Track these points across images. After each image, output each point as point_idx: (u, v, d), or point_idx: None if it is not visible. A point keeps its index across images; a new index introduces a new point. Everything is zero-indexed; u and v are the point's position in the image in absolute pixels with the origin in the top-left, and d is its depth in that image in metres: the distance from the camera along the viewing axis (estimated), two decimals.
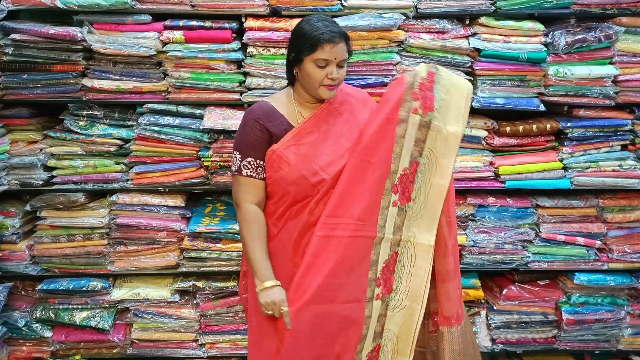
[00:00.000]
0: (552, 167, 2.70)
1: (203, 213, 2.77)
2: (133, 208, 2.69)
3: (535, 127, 2.69)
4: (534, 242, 2.78)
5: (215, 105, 2.65)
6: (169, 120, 2.62)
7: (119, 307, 2.77)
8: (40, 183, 2.66)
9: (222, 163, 2.64)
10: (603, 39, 2.59)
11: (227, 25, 2.55)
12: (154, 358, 2.82)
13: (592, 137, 2.71)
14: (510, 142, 2.72)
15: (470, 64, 2.63)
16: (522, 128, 2.68)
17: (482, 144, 2.74)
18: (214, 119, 2.59)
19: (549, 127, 2.69)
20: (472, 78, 2.64)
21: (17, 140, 2.66)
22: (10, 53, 2.52)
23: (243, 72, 2.60)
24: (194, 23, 2.55)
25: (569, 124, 2.70)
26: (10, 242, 2.68)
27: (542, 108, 2.66)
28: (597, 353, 2.95)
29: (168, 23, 2.55)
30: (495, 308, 2.83)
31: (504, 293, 2.81)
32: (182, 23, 2.55)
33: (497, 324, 2.85)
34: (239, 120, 1.97)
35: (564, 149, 2.71)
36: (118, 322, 2.79)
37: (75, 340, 2.76)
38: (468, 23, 2.67)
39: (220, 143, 2.66)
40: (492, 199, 2.76)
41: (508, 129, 2.68)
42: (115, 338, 2.74)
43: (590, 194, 2.80)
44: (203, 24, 2.54)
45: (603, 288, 2.82)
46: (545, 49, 2.61)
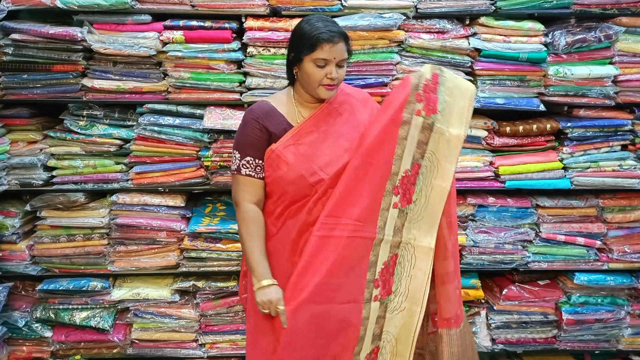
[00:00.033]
0: (552, 167, 2.70)
1: (203, 213, 2.77)
2: (133, 208, 2.69)
3: (535, 127, 2.69)
4: (534, 242, 2.78)
5: (215, 105, 2.65)
6: (169, 120, 2.62)
7: (119, 307, 2.77)
8: (40, 183, 2.66)
9: (222, 163, 2.64)
10: (603, 39, 2.59)
11: (227, 25, 2.55)
12: (154, 358, 2.82)
13: (592, 137, 2.71)
14: (510, 142, 2.72)
15: (470, 64, 2.63)
16: (522, 128, 2.68)
17: (482, 144, 2.74)
18: (214, 119, 2.59)
19: (549, 127, 2.69)
20: (472, 78, 2.64)
21: (17, 140, 2.66)
22: (10, 53, 2.52)
23: (243, 72, 2.60)
24: (194, 23, 2.55)
25: (569, 124, 2.70)
26: (10, 242, 2.68)
27: (542, 108, 2.66)
28: (597, 353, 2.95)
29: (168, 23, 2.55)
30: (495, 308, 2.83)
31: (504, 293, 2.81)
32: (182, 23, 2.55)
33: (497, 324, 2.85)
34: (239, 120, 1.98)
35: (564, 149, 2.71)
36: (118, 322, 2.79)
37: (75, 340, 2.76)
38: (468, 23, 2.66)
39: (220, 143, 2.66)
40: (492, 199, 2.76)
41: (508, 129, 2.68)
42: (115, 338, 2.74)
43: (590, 194, 2.80)
44: (203, 24, 2.54)
45: (603, 288, 2.82)
46: (545, 49, 2.61)
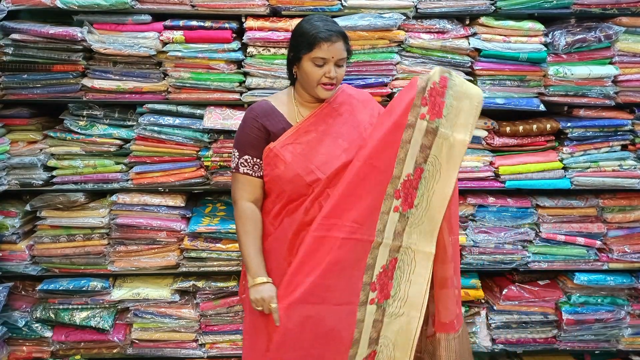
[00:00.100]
0: (552, 167, 2.70)
1: (203, 213, 2.77)
2: (133, 208, 2.69)
3: (535, 127, 2.69)
4: (534, 242, 2.78)
5: (215, 105, 2.65)
6: (169, 120, 2.62)
7: (119, 307, 2.77)
8: (40, 183, 2.66)
9: (222, 163, 2.64)
10: (603, 39, 2.59)
11: (227, 25, 2.55)
12: (154, 358, 2.82)
13: (592, 137, 2.71)
14: (510, 142, 2.72)
15: (470, 64, 2.63)
16: (522, 128, 2.68)
17: (482, 144, 2.74)
18: (214, 119, 2.59)
19: (549, 127, 2.69)
20: (472, 78, 2.64)
21: (17, 140, 2.65)
22: (10, 53, 2.52)
23: (243, 72, 2.60)
24: (194, 23, 2.54)
25: (569, 124, 2.70)
26: (10, 242, 2.68)
27: (542, 108, 2.66)
28: (597, 353, 2.95)
29: (168, 23, 2.55)
30: (495, 308, 2.83)
31: (504, 293, 2.81)
32: (182, 23, 2.55)
33: (497, 324, 2.85)
34: (239, 120, 1.98)
35: (564, 149, 2.71)
36: (118, 322, 2.79)
37: (75, 340, 2.76)
38: (468, 23, 2.66)
39: (220, 143, 2.66)
40: (492, 199, 2.76)
41: (508, 129, 2.68)
42: (115, 338, 2.74)
43: (590, 194, 2.80)
44: (203, 24, 2.54)
45: (603, 288, 2.82)
46: (545, 49, 2.61)
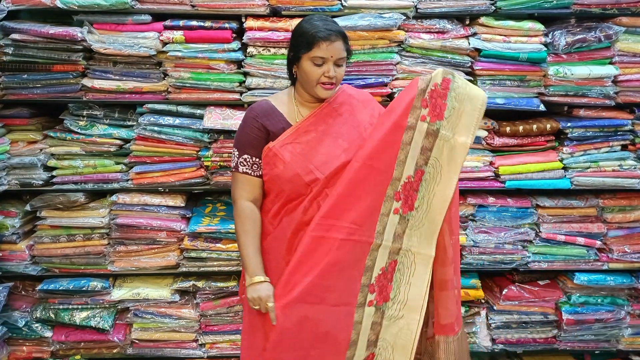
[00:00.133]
0: (552, 167, 2.70)
1: (203, 213, 2.77)
2: (133, 208, 2.69)
3: (535, 127, 2.69)
4: (534, 242, 2.78)
5: (215, 105, 2.65)
6: (169, 120, 2.62)
7: (119, 307, 2.77)
8: (40, 183, 2.66)
9: (222, 163, 2.64)
10: (603, 39, 2.59)
11: (227, 25, 2.55)
12: (154, 358, 2.82)
13: (592, 137, 2.71)
14: (510, 142, 2.72)
15: (470, 64, 2.63)
16: (522, 128, 2.68)
17: (482, 144, 2.74)
18: (214, 119, 2.59)
19: (549, 127, 2.69)
20: (472, 78, 2.64)
21: (17, 140, 2.66)
22: (10, 53, 2.52)
23: (243, 72, 2.60)
24: (194, 23, 2.55)
25: (569, 124, 2.70)
26: (10, 242, 2.68)
27: (542, 108, 2.66)
28: (597, 353, 2.95)
29: (168, 23, 2.55)
30: (495, 308, 2.83)
31: (504, 293, 2.81)
32: (182, 23, 2.55)
33: (497, 324, 2.85)
34: (239, 120, 1.98)
35: (564, 149, 2.71)
36: (118, 322, 2.79)
37: (75, 340, 2.76)
38: (468, 23, 2.66)
39: (220, 143, 2.66)
40: (492, 199, 2.76)
41: (508, 129, 2.68)
42: (115, 338, 2.74)
43: (590, 194, 2.80)
44: (203, 24, 2.54)
45: (603, 288, 2.82)
46: (545, 49, 2.61)
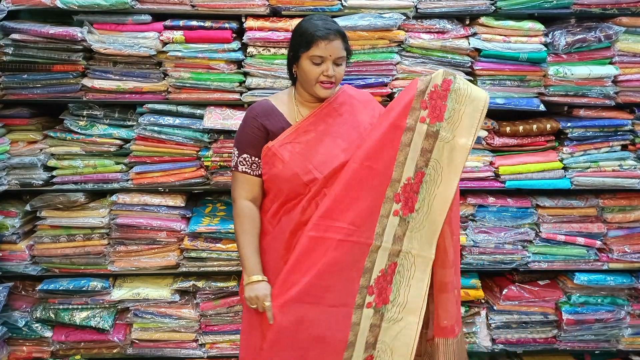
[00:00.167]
0: (552, 167, 2.70)
1: (203, 213, 2.77)
2: (133, 208, 2.69)
3: (535, 127, 2.69)
4: (534, 242, 2.78)
5: (215, 105, 2.64)
6: (169, 120, 2.62)
7: (119, 307, 2.77)
8: (40, 183, 2.66)
9: (222, 163, 2.64)
10: (603, 39, 2.59)
11: (227, 25, 2.55)
12: (154, 358, 2.82)
13: (592, 137, 2.71)
14: (510, 142, 2.72)
15: (470, 64, 2.63)
16: (522, 128, 2.68)
17: (482, 144, 2.74)
18: (214, 119, 2.59)
19: (549, 127, 2.69)
20: (472, 78, 2.64)
21: (17, 140, 2.65)
22: (10, 53, 2.52)
23: (243, 72, 2.60)
24: (194, 23, 2.54)
25: (569, 124, 2.70)
26: (10, 242, 2.68)
27: (542, 108, 2.66)
28: (597, 353, 2.95)
29: (168, 23, 2.55)
30: (495, 308, 2.83)
31: (504, 293, 2.81)
32: (182, 23, 2.55)
33: (497, 324, 2.85)
34: (239, 120, 1.98)
35: (564, 149, 2.71)
36: (118, 322, 2.79)
37: (75, 340, 2.76)
38: (468, 23, 2.66)
39: (220, 143, 2.66)
40: (492, 199, 2.76)
41: (508, 129, 2.68)
42: (115, 338, 2.74)
43: (590, 194, 2.80)
44: (203, 24, 2.54)
45: (603, 288, 2.82)
46: (545, 49, 2.61)
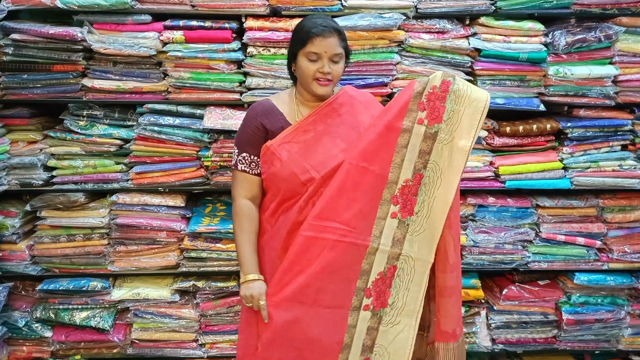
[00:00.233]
0: (552, 167, 2.70)
1: (203, 213, 2.77)
2: (133, 208, 2.69)
3: (535, 127, 2.69)
4: (534, 242, 2.78)
5: (215, 105, 2.64)
6: (169, 120, 2.62)
7: (119, 307, 2.77)
8: (40, 183, 2.66)
9: (222, 163, 2.64)
10: (603, 39, 2.59)
11: (227, 25, 2.55)
12: (154, 358, 2.82)
13: (592, 137, 2.71)
14: (510, 142, 2.72)
15: (470, 64, 2.63)
16: (522, 128, 2.68)
17: (482, 144, 2.74)
18: (214, 119, 2.59)
19: (549, 127, 2.69)
20: (472, 78, 2.64)
21: (17, 140, 2.65)
22: (10, 53, 2.52)
23: (243, 72, 2.60)
24: (194, 23, 2.54)
25: (569, 124, 2.70)
26: (10, 242, 2.68)
27: (542, 108, 2.66)
28: (597, 353, 2.95)
29: (168, 23, 2.55)
30: (495, 308, 2.83)
31: (504, 293, 2.81)
32: (182, 23, 2.55)
33: (497, 324, 2.85)
34: (239, 120, 1.99)
35: (564, 149, 2.71)
36: (118, 322, 2.79)
37: (75, 340, 2.76)
38: (468, 23, 2.66)
39: (220, 143, 2.66)
40: (492, 199, 2.76)
41: (508, 129, 2.68)
42: (115, 338, 2.74)
43: (590, 194, 2.80)
44: (203, 24, 2.54)
45: (603, 288, 2.82)
46: (545, 49, 2.61)
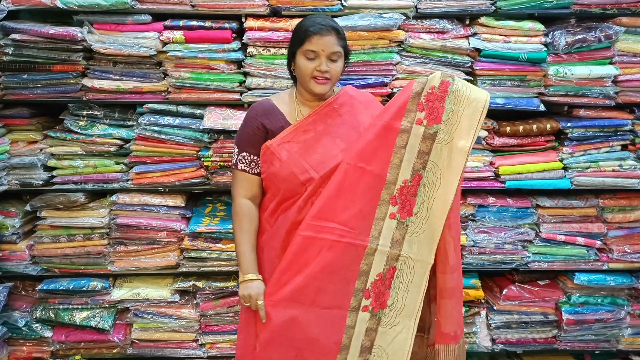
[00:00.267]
0: (552, 167, 2.70)
1: (203, 213, 2.77)
2: (133, 208, 2.69)
3: (535, 127, 2.69)
4: (534, 242, 2.78)
5: (215, 105, 2.64)
6: (169, 120, 2.62)
7: (119, 307, 2.77)
8: (40, 183, 2.66)
9: (222, 163, 2.64)
10: (603, 39, 2.59)
11: (227, 25, 2.55)
12: (154, 358, 2.82)
13: (592, 137, 2.71)
14: (510, 142, 2.72)
15: (470, 64, 2.63)
16: (522, 128, 2.68)
17: (482, 144, 2.74)
18: (214, 119, 2.59)
19: (549, 127, 2.69)
20: (472, 78, 2.64)
21: (17, 140, 2.65)
22: (10, 53, 2.52)
23: (243, 72, 2.60)
24: (194, 23, 2.55)
25: (569, 124, 2.70)
26: (10, 242, 2.68)
27: (542, 108, 2.66)
28: (597, 353, 2.95)
29: (168, 23, 2.55)
30: (495, 308, 2.83)
31: (504, 293, 2.81)
32: (182, 23, 2.55)
33: (497, 324, 2.85)
34: (239, 121, 1.99)
35: (564, 149, 2.71)
36: (118, 322, 2.79)
37: (75, 340, 2.76)
38: (468, 23, 2.66)
39: (220, 143, 2.66)
40: (492, 199, 2.76)
41: (508, 129, 2.68)
42: (115, 338, 2.74)
43: (590, 194, 2.80)
44: (203, 24, 2.54)
45: (603, 288, 2.82)
46: (545, 49, 2.61)
